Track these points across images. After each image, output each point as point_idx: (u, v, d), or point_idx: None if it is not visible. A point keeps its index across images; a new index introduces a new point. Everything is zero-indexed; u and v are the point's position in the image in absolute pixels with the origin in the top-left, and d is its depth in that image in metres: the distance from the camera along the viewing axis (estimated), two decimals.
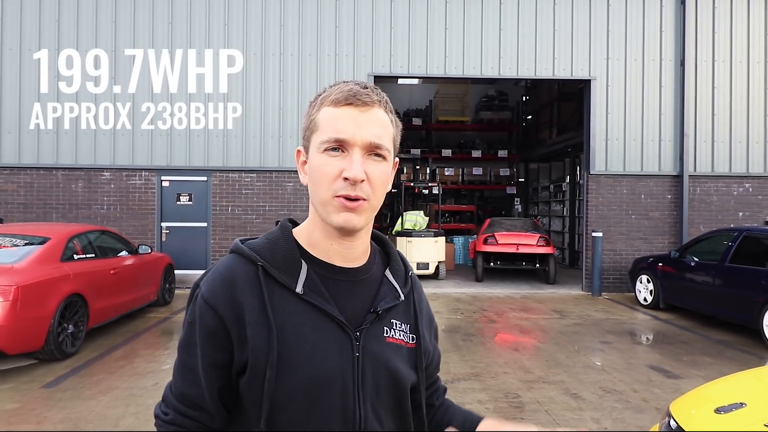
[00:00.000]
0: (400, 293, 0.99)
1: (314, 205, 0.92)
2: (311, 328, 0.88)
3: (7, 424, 3.92)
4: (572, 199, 14.09)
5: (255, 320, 0.86)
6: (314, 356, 0.87)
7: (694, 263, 7.70)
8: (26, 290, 4.94)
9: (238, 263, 0.91)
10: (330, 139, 0.88)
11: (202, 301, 0.89)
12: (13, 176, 9.59)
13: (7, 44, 9.56)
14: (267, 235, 0.97)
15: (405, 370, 0.96)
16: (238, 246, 0.95)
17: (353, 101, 0.88)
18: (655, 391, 4.75)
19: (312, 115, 0.92)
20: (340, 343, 0.89)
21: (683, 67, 10.06)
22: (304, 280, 0.90)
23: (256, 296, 0.88)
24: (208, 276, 0.93)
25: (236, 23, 9.83)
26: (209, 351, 0.88)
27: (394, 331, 0.96)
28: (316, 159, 0.89)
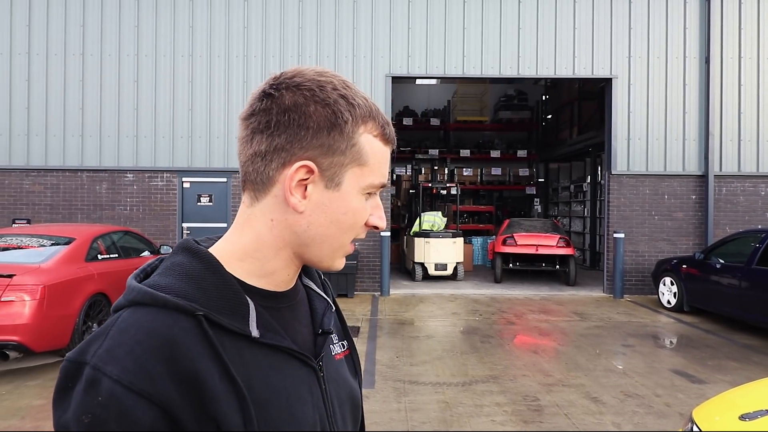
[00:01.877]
0: (330, 302, 0.86)
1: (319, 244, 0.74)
2: (278, 377, 0.70)
3: (34, 419, 4.02)
4: (593, 200, 13.90)
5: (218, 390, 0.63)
6: (293, 410, 0.70)
7: (720, 265, 7.52)
8: (52, 289, 5.07)
9: (162, 320, 0.63)
10: (380, 184, 0.74)
11: (121, 390, 0.58)
12: (40, 178, 9.85)
13: (35, 49, 9.81)
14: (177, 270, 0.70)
15: (354, 383, 0.86)
16: (152, 295, 0.65)
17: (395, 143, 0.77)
18: (678, 396, 4.66)
19: (353, 138, 0.72)
20: (308, 382, 0.74)
21: (708, 65, 9.84)
22: (255, 319, 0.70)
23: (209, 358, 0.63)
24: (110, 350, 0.61)
25: (255, 26, 9.94)
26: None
27: (335, 347, 0.84)
28: (355, 201, 0.73)
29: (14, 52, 9.79)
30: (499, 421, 4.08)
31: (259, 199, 0.72)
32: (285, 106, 0.70)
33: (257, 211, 0.73)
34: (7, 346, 4.80)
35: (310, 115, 0.69)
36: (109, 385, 0.59)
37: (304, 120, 0.69)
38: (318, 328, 0.80)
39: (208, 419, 0.62)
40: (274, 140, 0.70)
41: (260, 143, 0.70)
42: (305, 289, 0.83)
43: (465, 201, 16.50)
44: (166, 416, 0.59)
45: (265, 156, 0.70)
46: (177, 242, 6.77)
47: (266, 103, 0.71)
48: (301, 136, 0.69)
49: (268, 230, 0.72)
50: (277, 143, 0.70)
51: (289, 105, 0.70)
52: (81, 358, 0.62)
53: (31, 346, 4.90)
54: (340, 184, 0.72)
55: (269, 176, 0.71)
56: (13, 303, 4.83)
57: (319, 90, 0.70)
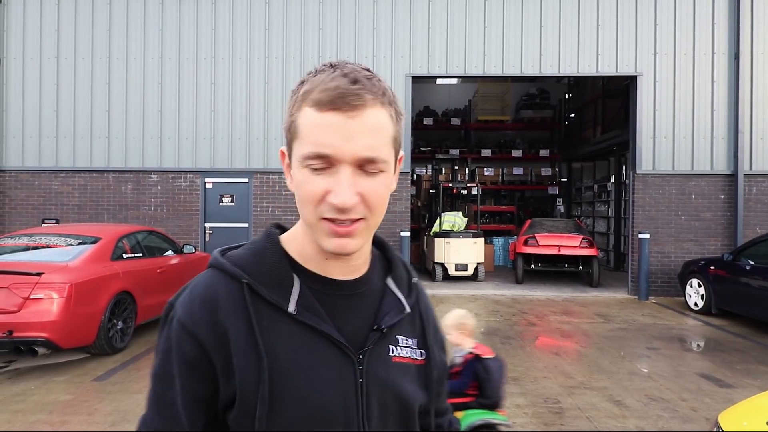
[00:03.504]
0: (405, 305, 0.86)
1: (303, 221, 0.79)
2: (307, 354, 0.75)
3: (62, 414, 4.13)
4: (618, 200, 13.64)
5: (242, 348, 0.73)
6: (312, 387, 0.74)
7: (750, 266, 7.30)
8: (79, 287, 5.19)
9: (218, 280, 0.77)
10: (311, 153, 0.72)
11: (178, 325, 0.75)
12: (69, 179, 10.11)
13: (63, 53, 10.08)
14: (251, 245, 0.83)
15: (413, 391, 0.84)
16: (217, 260, 0.80)
17: (340, 105, 0.71)
18: (705, 401, 4.54)
19: (292, 115, 0.76)
20: (341, 369, 0.77)
21: (737, 61, 9.56)
22: (297, 297, 0.77)
23: (241, 319, 0.74)
24: (184, 295, 0.78)
25: (276, 28, 10.03)
26: (190, 384, 0.74)
27: (400, 349, 0.84)
28: (298, 174, 0.75)
29: (44, 56, 10.07)
30: (519, 424, 4.03)
31: None
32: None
33: None
34: (35, 343, 4.94)
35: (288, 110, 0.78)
36: (176, 323, 0.76)
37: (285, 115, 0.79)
38: (374, 324, 0.82)
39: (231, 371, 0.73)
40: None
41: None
42: (383, 288, 0.86)
43: (486, 201, 16.37)
44: (206, 356, 0.74)
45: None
46: (200, 242, 6.80)
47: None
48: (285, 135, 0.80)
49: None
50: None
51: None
52: (172, 300, 0.80)
53: (58, 342, 5.03)
54: (291, 162, 0.78)
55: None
56: (42, 300, 4.97)
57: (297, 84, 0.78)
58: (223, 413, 0.75)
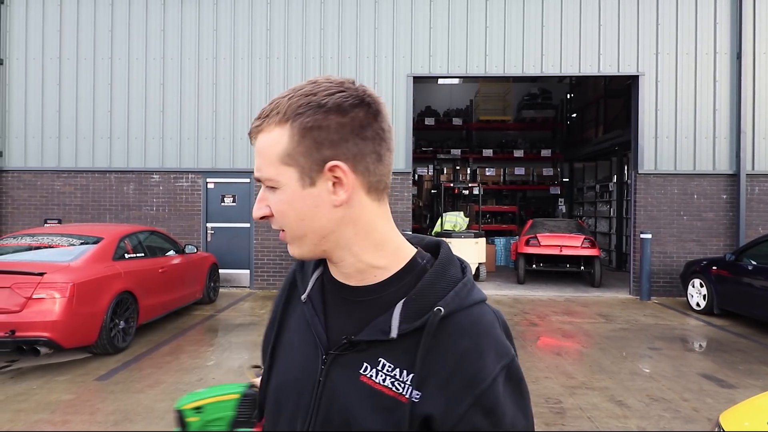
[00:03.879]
0: (392, 329, 0.77)
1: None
2: (299, 337, 0.87)
3: (64, 413, 4.14)
4: (619, 200, 13.62)
5: (276, 313, 0.94)
6: (288, 364, 0.86)
7: (753, 267, 7.29)
8: (81, 287, 5.21)
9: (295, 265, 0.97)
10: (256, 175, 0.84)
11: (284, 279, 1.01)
12: (71, 179, 10.14)
13: (65, 53, 10.10)
14: None
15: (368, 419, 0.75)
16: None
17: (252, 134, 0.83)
18: (707, 401, 4.53)
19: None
20: (311, 359, 0.82)
21: (740, 60, 9.54)
22: (310, 288, 0.88)
23: (283, 296, 0.95)
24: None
25: (277, 28, 10.04)
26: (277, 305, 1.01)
27: (376, 372, 0.77)
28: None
29: (46, 57, 10.10)
30: None
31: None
32: None
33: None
34: (38, 342, 4.95)
35: None
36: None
37: None
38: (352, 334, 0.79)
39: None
40: None
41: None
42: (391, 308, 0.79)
43: (488, 201, 16.37)
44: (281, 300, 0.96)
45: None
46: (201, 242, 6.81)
47: None
48: None
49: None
50: None
51: None
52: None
53: (60, 342, 5.04)
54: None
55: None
56: (44, 300, 4.98)
57: None
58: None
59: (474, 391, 0.73)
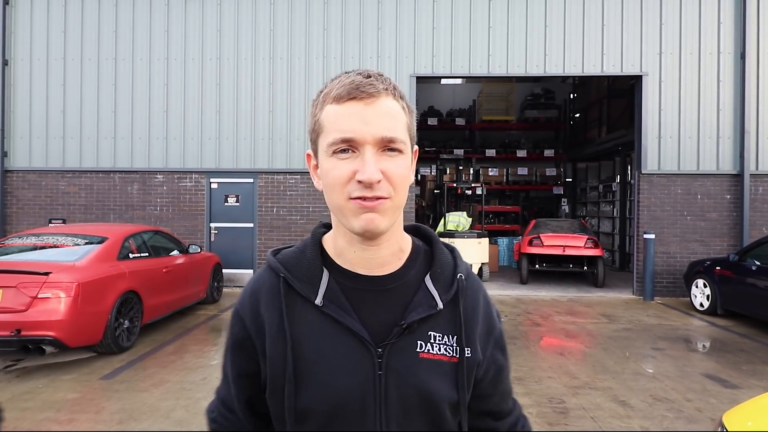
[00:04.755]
0: (438, 302, 0.87)
1: (332, 212, 0.86)
2: (330, 343, 0.82)
3: (69, 412, 4.16)
4: (623, 200, 13.60)
5: (273, 334, 0.84)
6: (331, 373, 0.81)
7: (756, 267, 7.27)
8: (86, 287, 5.24)
9: (265, 275, 0.90)
10: (336, 140, 0.80)
11: (234, 310, 0.92)
12: (75, 179, 10.18)
13: (70, 54, 10.15)
14: (301, 242, 0.94)
15: (441, 388, 0.85)
16: (267, 257, 0.94)
17: (356, 95, 0.80)
18: (710, 401, 4.53)
19: (316, 116, 0.86)
20: (359, 360, 0.82)
21: (744, 60, 9.52)
22: (324, 290, 0.84)
23: (275, 310, 0.85)
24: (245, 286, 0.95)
25: (280, 28, 10.06)
26: (237, 360, 0.90)
27: (431, 345, 0.85)
28: (326, 163, 0.83)
29: (50, 58, 10.15)
30: None
31: None
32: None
33: None
34: (43, 341, 4.98)
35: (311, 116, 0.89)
36: (233, 308, 0.93)
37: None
38: (401, 320, 0.85)
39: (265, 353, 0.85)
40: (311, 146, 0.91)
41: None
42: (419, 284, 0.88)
43: (491, 201, 16.36)
44: (248, 337, 0.87)
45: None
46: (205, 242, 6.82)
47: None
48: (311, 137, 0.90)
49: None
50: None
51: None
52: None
53: (66, 341, 5.07)
54: (318, 157, 0.87)
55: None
56: (49, 300, 5.01)
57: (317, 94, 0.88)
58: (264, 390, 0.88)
59: (494, 334, 0.94)
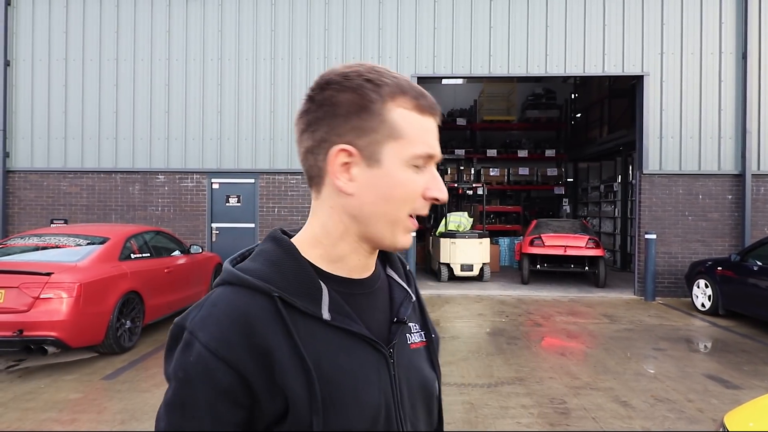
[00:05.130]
0: (410, 293, 0.88)
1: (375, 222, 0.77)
2: (347, 357, 0.75)
3: (71, 412, 4.17)
4: (624, 200, 13.59)
5: (287, 364, 0.70)
6: (357, 388, 0.74)
7: (758, 267, 7.26)
8: (88, 287, 5.25)
9: (244, 298, 0.72)
10: (424, 154, 0.76)
11: (207, 354, 0.69)
12: (77, 179, 10.20)
13: (71, 55, 10.17)
14: (263, 255, 0.79)
15: (429, 373, 0.87)
16: (237, 276, 0.75)
17: (435, 113, 0.78)
18: (711, 402, 4.52)
19: (383, 114, 0.75)
20: (377, 366, 0.78)
21: (745, 60, 9.51)
22: (328, 303, 0.75)
23: (281, 335, 0.71)
24: (201, 318, 0.72)
25: (282, 29, 10.07)
26: (223, 413, 0.69)
27: (412, 336, 0.86)
28: (401, 174, 0.75)
29: (52, 58, 10.16)
30: (524, 423, 4.04)
31: (320, 191, 0.79)
32: (319, 102, 0.76)
33: (320, 202, 0.80)
34: (45, 342, 4.99)
35: (340, 104, 0.75)
36: (199, 349, 0.69)
37: (335, 109, 0.75)
38: (394, 317, 0.83)
39: (277, 389, 0.70)
40: (316, 134, 0.76)
41: (308, 140, 0.78)
42: (387, 279, 0.88)
43: (492, 201, 16.36)
44: (242, 381, 0.69)
45: (313, 151, 0.77)
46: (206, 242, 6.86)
47: (307, 104, 0.78)
48: (335, 124, 0.75)
49: (329, 217, 0.79)
50: (319, 136, 0.76)
51: (321, 100, 0.76)
52: (182, 322, 0.74)
53: (68, 341, 5.08)
54: (380, 161, 0.75)
55: (320, 168, 0.77)
56: (52, 300, 5.02)
57: (344, 80, 0.76)
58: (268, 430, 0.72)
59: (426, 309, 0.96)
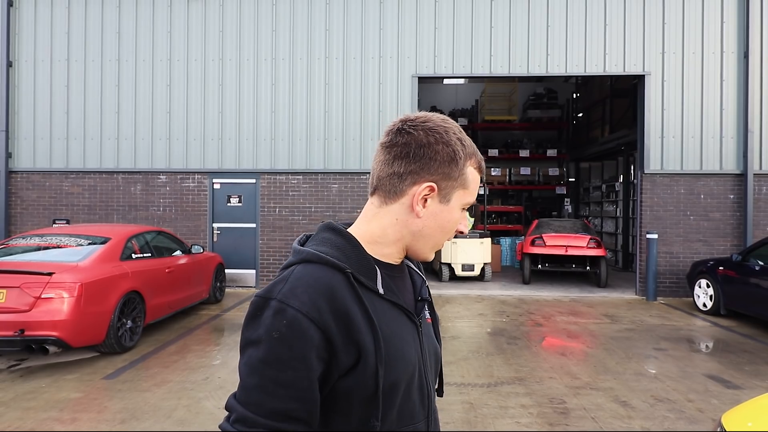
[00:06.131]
0: (424, 278, 1.14)
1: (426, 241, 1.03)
2: (395, 323, 0.98)
3: (72, 411, 4.19)
4: (626, 200, 13.56)
5: (361, 324, 0.92)
6: (403, 348, 0.98)
7: (760, 267, 7.24)
8: (89, 287, 5.27)
9: (324, 273, 0.93)
10: (472, 201, 1.05)
11: (299, 316, 0.88)
12: (79, 180, 10.23)
13: (73, 56, 10.20)
14: (329, 243, 0.99)
15: (437, 342, 1.13)
16: (318, 256, 0.95)
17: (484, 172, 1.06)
18: (712, 402, 4.52)
19: (463, 170, 1.01)
20: (412, 333, 1.02)
21: (747, 60, 9.49)
22: (381, 281, 0.99)
23: (355, 302, 0.93)
24: (292, 290, 0.91)
25: (282, 29, 10.08)
26: (314, 364, 0.89)
27: (426, 312, 1.10)
28: (457, 212, 1.03)
29: (54, 59, 10.20)
30: (524, 423, 4.04)
31: (389, 203, 1.01)
32: (421, 143, 0.98)
33: (385, 211, 1.01)
34: (46, 341, 5.01)
35: (438, 152, 0.98)
36: (292, 313, 0.88)
37: (433, 154, 0.98)
38: (418, 296, 1.09)
39: (352, 343, 0.91)
40: (410, 166, 0.98)
41: (399, 166, 0.98)
42: (407, 268, 1.12)
43: (493, 201, 16.35)
44: (326, 338, 0.89)
45: (401, 176, 0.98)
46: (207, 242, 6.85)
47: (406, 138, 0.98)
48: (429, 165, 0.98)
49: (391, 226, 1.01)
50: (412, 168, 0.98)
51: (423, 142, 0.98)
52: (268, 295, 0.92)
53: (69, 341, 5.10)
54: (449, 201, 1.01)
55: (401, 190, 0.99)
56: (53, 300, 5.04)
57: (444, 134, 0.99)
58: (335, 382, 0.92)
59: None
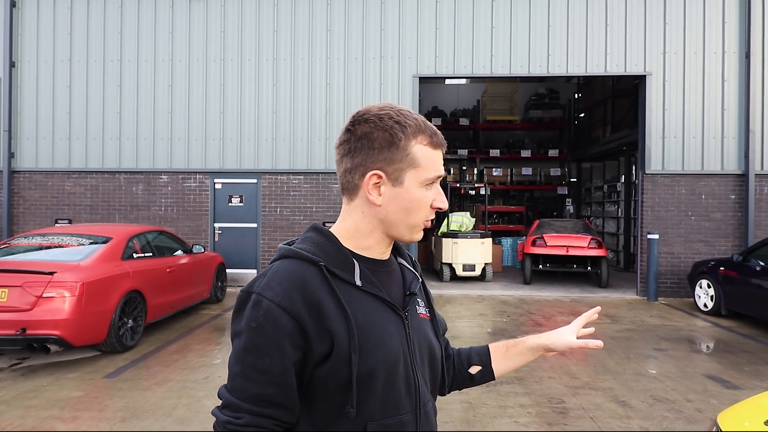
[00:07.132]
0: (417, 275, 1.17)
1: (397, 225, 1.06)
2: (374, 314, 1.01)
3: (73, 410, 4.21)
4: (627, 200, 13.55)
5: (333, 313, 0.97)
6: (383, 337, 1.01)
7: (761, 267, 7.24)
8: (90, 286, 5.29)
9: (299, 266, 1.00)
10: (433, 177, 1.05)
11: (272, 306, 0.95)
12: (81, 180, 10.27)
13: (75, 56, 10.24)
14: (309, 240, 1.06)
15: (434, 339, 1.14)
16: (294, 251, 1.03)
17: (444, 146, 1.08)
18: (711, 402, 4.52)
19: (407, 149, 1.03)
20: (396, 324, 1.04)
21: (749, 60, 9.47)
22: (359, 274, 1.03)
23: (328, 293, 0.98)
24: (268, 283, 0.98)
25: (283, 30, 10.10)
26: (288, 350, 0.95)
27: (419, 308, 1.14)
28: (417, 191, 1.05)
29: (57, 60, 10.24)
30: (522, 423, 4.05)
31: (353, 199, 1.07)
32: (358, 136, 1.04)
33: (352, 207, 1.07)
34: (48, 340, 5.03)
35: (375, 139, 1.03)
36: (267, 304, 0.95)
37: (371, 143, 1.03)
38: (407, 290, 1.12)
39: (325, 332, 0.96)
40: (354, 160, 1.04)
41: (347, 163, 1.06)
42: (399, 265, 1.16)
43: (495, 201, 16.35)
44: (299, 326, 0.95)
45: (352, 171, 1.05)
46: (209, 242, 6.88)
47: (347, 135, 1.05)
48: (371, 155, 1.03)
49: (361, 219, 1.07)
50: (356, 161, 1.04)
51: (360, 134, 1.04)
52: (249, 289, 1.00)
53: (70, 340, 5.12)
54: (402, 182, 1.04)
55: (356, 184, 1.06)
56: (54, 299, 5.07)
57: (379, 120, 1.03)
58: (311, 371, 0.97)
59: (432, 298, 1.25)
